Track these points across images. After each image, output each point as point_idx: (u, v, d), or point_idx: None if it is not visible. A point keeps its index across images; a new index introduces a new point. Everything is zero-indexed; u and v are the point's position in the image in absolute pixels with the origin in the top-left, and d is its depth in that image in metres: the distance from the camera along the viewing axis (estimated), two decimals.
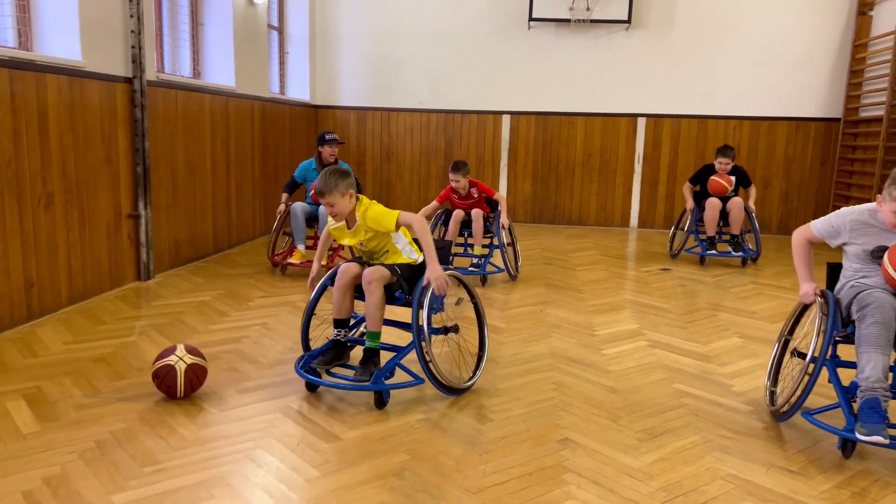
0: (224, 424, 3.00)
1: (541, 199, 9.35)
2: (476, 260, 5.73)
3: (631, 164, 9.11)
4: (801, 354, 3.06)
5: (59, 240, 4.55)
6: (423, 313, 3.20)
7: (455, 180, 5.73)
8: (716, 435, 3.02)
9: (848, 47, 8.44)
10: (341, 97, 9.47)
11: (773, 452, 2.88)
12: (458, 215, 5.76)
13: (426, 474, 2.63)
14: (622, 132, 9.05)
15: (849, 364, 2.98)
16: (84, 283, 4.83)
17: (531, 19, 8.79)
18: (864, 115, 8.20)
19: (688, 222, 6.91)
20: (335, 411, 3.16)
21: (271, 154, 7.95)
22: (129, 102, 5.22)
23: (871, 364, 2.71)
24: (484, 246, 5.83)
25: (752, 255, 6.80)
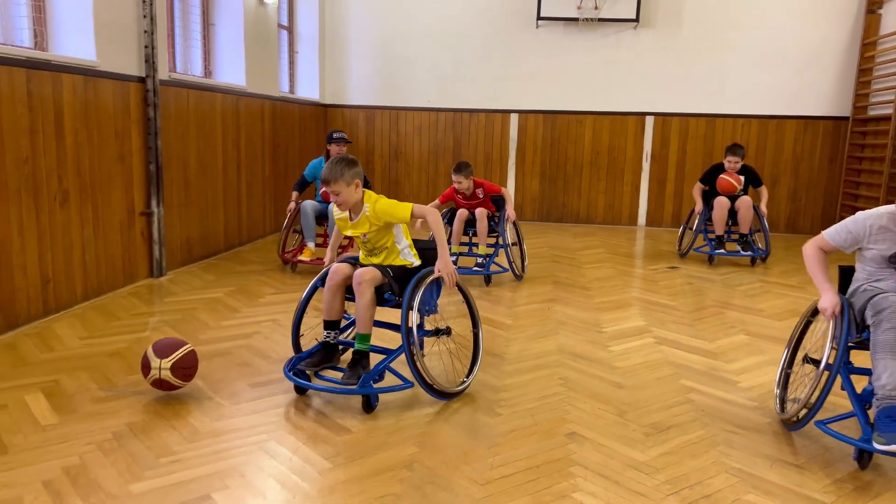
0: (237, 417, 3.06)
1: (549, 197, 9.37)
2: (480, 259, 5.73)
3: (639, 162, 9.12)
4: (814, 361, 2.98)
5: (73, 237, 4.63)
6: (413, 315, 3.13)
7: (458, 181, 5.71)
8: (721, 430, 3.06)
9: (857, 45, 8.43)
10: (350, 96, 9.53)
11: (777, 447, 2.91)
12: (462, 214, 5.74)
13: (435, 466, 2.67)
14: (630, 131, 9.07)
15: (862, 371, 2.89)
16: (98, 280, 4.91)
17: (539, 18, 8.82)
18: (872, 113, 8.19)
19: (696, 222, 6.90)
20: (346, 405, 3.21)
21: (281, 153, 8.01)
22: (142, 101, 5.29)
23: (888, 371, 2.63)
24: (489, 245, 5.82)
25: (762, 254, 6.75)
